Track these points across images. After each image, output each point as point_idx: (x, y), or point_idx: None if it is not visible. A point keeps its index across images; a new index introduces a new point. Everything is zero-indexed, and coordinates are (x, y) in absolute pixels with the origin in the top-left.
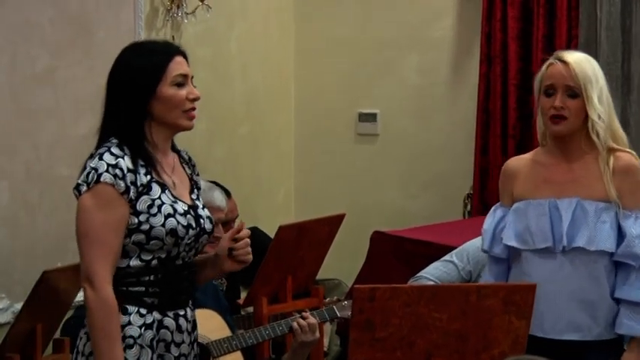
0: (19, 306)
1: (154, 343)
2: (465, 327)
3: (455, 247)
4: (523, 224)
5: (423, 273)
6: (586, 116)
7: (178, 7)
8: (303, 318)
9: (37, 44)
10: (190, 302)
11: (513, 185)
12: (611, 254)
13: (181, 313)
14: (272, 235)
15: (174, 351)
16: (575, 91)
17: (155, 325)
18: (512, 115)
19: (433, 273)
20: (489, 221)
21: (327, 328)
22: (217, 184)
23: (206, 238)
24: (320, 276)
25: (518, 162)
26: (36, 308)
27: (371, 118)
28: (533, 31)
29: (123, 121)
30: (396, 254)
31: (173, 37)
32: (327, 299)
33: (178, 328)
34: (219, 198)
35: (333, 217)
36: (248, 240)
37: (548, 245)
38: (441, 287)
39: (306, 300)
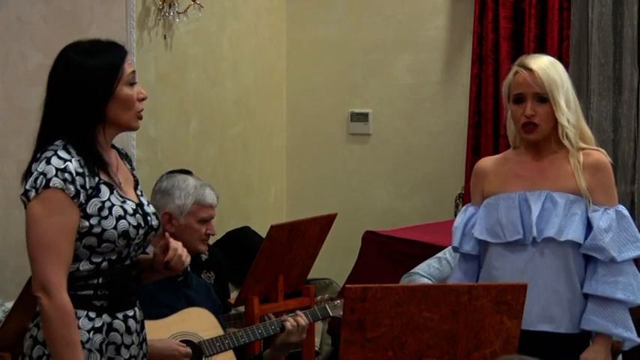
0: (10, 305)
1: (104, 346)
2: (456, 327)
3: (446, 247)
4: (494, 218)
5: (416, 269)
6: (556, 121)
7: (170, 6)
8: (295, 319)
9: (29, 42)
10: (137, 302)
11: (484, 183)
12: (580, 246)
13: (130, 314)
14: (263, 234)
15: (125, 353)
16: (544, 96)
17: (104, 328)
18: (503, 115)
19: (426, 270)
20: (460, 219)
21: (319, 327)
22: (184, 171)
23: (154, 235)
24: (311, 276)
25: (488, 162)
26: (27, 307)
27: (363, 117)
28: (525, 32)
29: (76, 123)
30: (388, 254)
31: (165, 36)
32: (319, 297)
33: (127, 329)
34: (209, 196)
35: (324, 216)
36: (179, 250)
37: (518, 237)
38: (433, 287)
39: (298, 300)
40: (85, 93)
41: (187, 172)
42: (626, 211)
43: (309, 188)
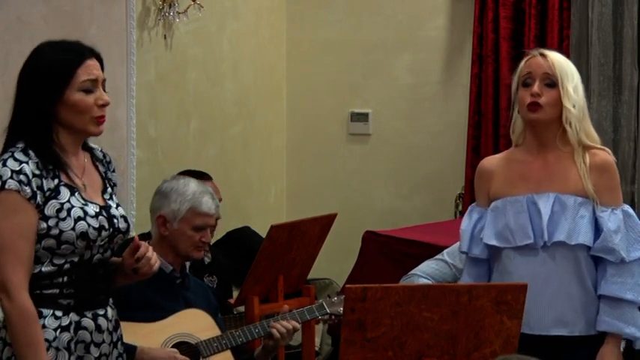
0: None
1: (72, 344)
2: (456, 327)
3: (446, 247)
4: (502, 222)
5: (415, 271)
6: (561, 111)
7: (170, 6)
8: (282, 324)
9: (29, 42)
10: (111, 301)
11: (490, 185)
12: (589, 249)
13: (101, 312)
14: (263, 234)
15: (94, 351)
16: (553, 80)
17: (72, 326)
18: (503, 115)
19: (425, 270)
20: (466, 222)
21: (319, 327)
22: (193, 172)
23: (121, 237)
24: (311, 276)
25: (492, 161)
26: None
27: (363, 117)
28: (525, 32)
29: (30, 124)
30: (388, 254)
31: (165, 36)
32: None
33: (98, 328)
34: (206, 204)
35: (324, 216)
36: (148, 254)
37: (529, 242)
38: (433, 287)
39: (298, 300)
40: (34, 95)
41: (205, 177)
42: (631, 210)
43: (309, 188)
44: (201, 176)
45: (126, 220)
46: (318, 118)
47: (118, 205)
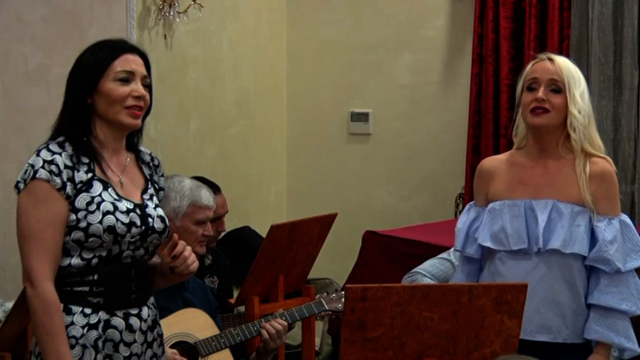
0: (10, 305)
1: (100, 343)
2: (456, 327)
3: (446, 247)
4: (498, 225)
5: (418, 269)
6: (566, 116)
7: (170, 6)
8: (272, 325)
9: (29, 42)
10: (150, 301)
11: (489, 186)
12: (584, 258)
13: (133, 312)
14: (263, 234)
15: (124, 351)
16: (559, 86)
17: (101, 325)
18: (504, 115)
19: (430, 270)
20: (463, 220)
21: (319, 327)
22: (205, 180)
23: (156, 237)
24: (311, 275)
25: (493, 162)
26: (27, 307)
27: (363, 117)
28: (525, 32)
29: (71, 117)
30: (388, 254)
31: (165, 36)
32: (318, 296)
33: (129, 327)
34: (205, 197)
35: (324, 216)
36: (186, 253)
37: (523, 247)
38: (433, 287)
39: (298, 299)
40: (73, 86)
41: (214, 189)
42: (629, 220)
43: (309, 188)
44: (210, 187)
45: (163, 221)
46: (318, 118)
47: (157, 206)
